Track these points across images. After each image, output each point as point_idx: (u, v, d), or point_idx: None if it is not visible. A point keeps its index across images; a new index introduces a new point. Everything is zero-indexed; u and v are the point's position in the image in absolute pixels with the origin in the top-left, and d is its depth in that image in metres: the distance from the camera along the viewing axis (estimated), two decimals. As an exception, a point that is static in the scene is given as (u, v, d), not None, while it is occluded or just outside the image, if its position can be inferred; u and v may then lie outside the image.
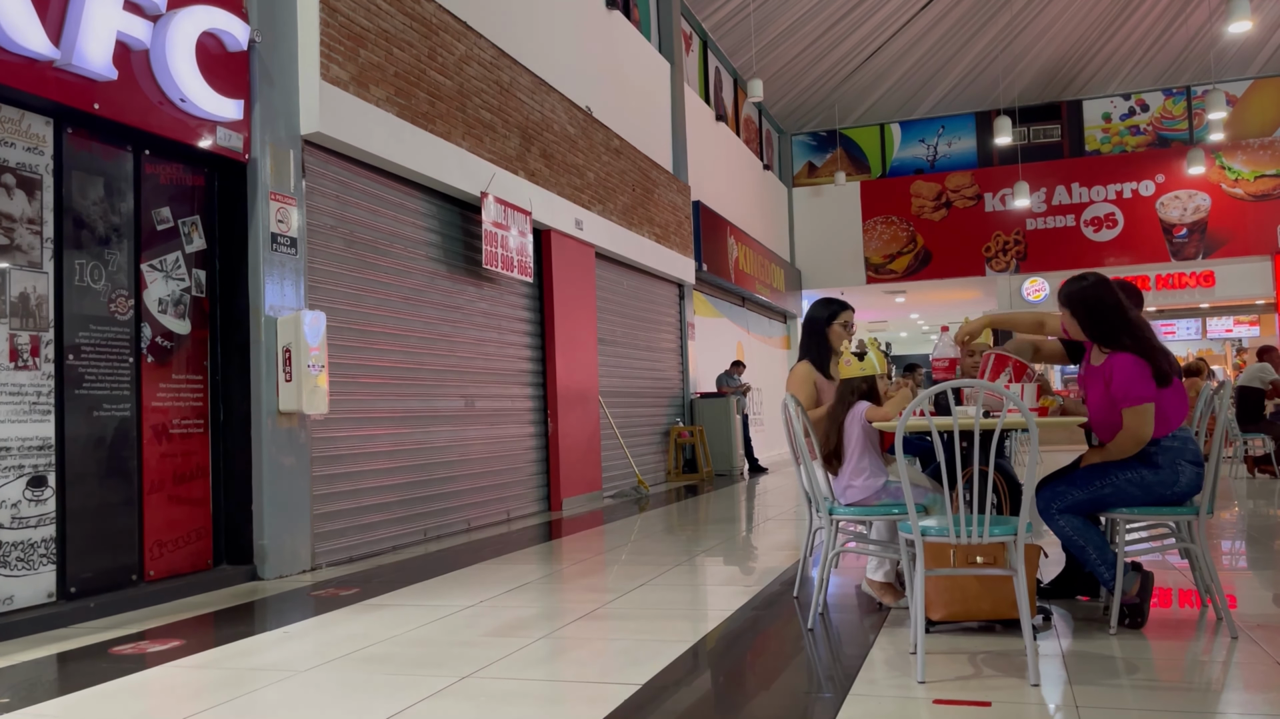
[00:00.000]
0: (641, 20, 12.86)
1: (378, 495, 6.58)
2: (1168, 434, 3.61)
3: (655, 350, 12.04)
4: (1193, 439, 3.64)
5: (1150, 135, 19.22)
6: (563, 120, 9.37)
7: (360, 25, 6.37)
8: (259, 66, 5.61)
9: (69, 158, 4.72)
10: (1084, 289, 3.72)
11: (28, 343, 4.46)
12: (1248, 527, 6.46)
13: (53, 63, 4.44)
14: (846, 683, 3.08)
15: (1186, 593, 4.32)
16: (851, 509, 3.94)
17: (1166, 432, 3.61)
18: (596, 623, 4.10)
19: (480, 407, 7.94)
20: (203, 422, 5.45)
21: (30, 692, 3.29)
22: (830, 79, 18.58)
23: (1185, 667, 3.17)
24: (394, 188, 7.01)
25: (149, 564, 5.03)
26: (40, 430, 4.50)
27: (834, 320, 4.43)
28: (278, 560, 5.50)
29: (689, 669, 3.34)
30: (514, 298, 8.65)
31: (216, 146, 5.35)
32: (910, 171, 20.30)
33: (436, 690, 3.14)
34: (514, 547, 6.59)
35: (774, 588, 4.74)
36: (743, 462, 13.05)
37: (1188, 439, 3.62)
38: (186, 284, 5.40)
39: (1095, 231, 18.89)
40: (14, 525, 4.35)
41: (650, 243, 11.48)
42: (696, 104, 14.82)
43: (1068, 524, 3.67)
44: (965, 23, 16.76)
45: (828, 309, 4.46)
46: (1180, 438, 3.61)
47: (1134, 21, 16.86)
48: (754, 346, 17.05)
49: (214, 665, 3.58)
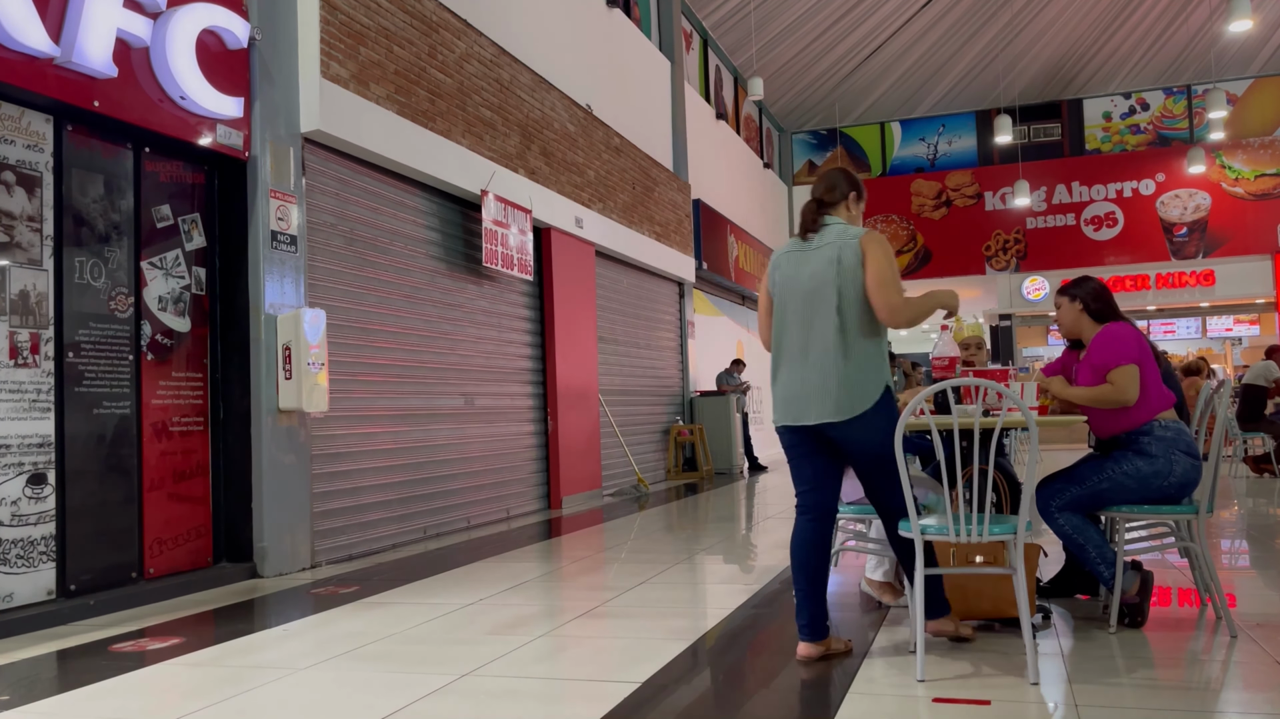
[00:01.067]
0: (642, 18, 12.85)
1: (377, 493, 6.58)
2: (1152, 418, 3.65)
3: (655, 349, 12.04)
4: (1187, 430, 3.67)
5: (1151, 134, 19.21)
6: (563, 118, 9.37)
7: (360, 23, 6.37)
8: (259, 64, 5.61)
9: (69, 155, 4.72)
10: (1089, 280, 3.96)
11: (27, 340, 4.46)
12: (1247, 526, 6.46)
13: (53, 60, 4.44)
14: (846, 681, 3.08)
15: (1186, 592, 4.32)
16: (852, 508, 3.94)
17: (1147, 415, 3.66)
18: (596, 621, 4.10)
19: (480, 405, 7.95)
20: (202, 419, 5.45)
21: (30, 689, 3.29)
22: (830, 77, 18.57)
23: (1185, 666, 3.17)
24: (394, 186, 7.01)
25: (149, 562, 5.03)
26: (40, 428, 4.50)
27: None
28: (277, 558, 5.50)
29: (688, 667, 3.34)
30: (514, 296, 8.65)
31: (216, 144, 5.35)
32: (910, 170, 20.29)
33: (435, 688, 3.14)
34: (513, 545, 6.59)
35: (774, 586, 4.75)
36: (743, 460, 13.05)
37: (1181, 430, 3.65)
38: (186, 282, 5.40)
39: (1095, 230, 18.88)
40: (14, 523, 4.35)
41: (650, 241, 11.48)
42: (697, 102, 14.82)
43: (1067, 522, 3.68)
44: (966, 21, 16.75)
45: None
46: (1173, 428, 3.63)
47: (1134, 20, 16.85)
48: (754, 345, 17.05)
49: (213, 663, 3.58)
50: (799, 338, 3.29)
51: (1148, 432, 3.64)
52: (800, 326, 3.29)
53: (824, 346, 3.22)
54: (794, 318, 3.31)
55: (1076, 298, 3.91)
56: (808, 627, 3.29)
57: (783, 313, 3.34)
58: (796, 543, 3.32)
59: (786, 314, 3.33)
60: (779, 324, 3.35)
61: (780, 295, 3.36)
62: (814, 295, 3.26)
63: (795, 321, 3.30)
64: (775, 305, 3.39)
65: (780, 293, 3.36)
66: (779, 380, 3.34)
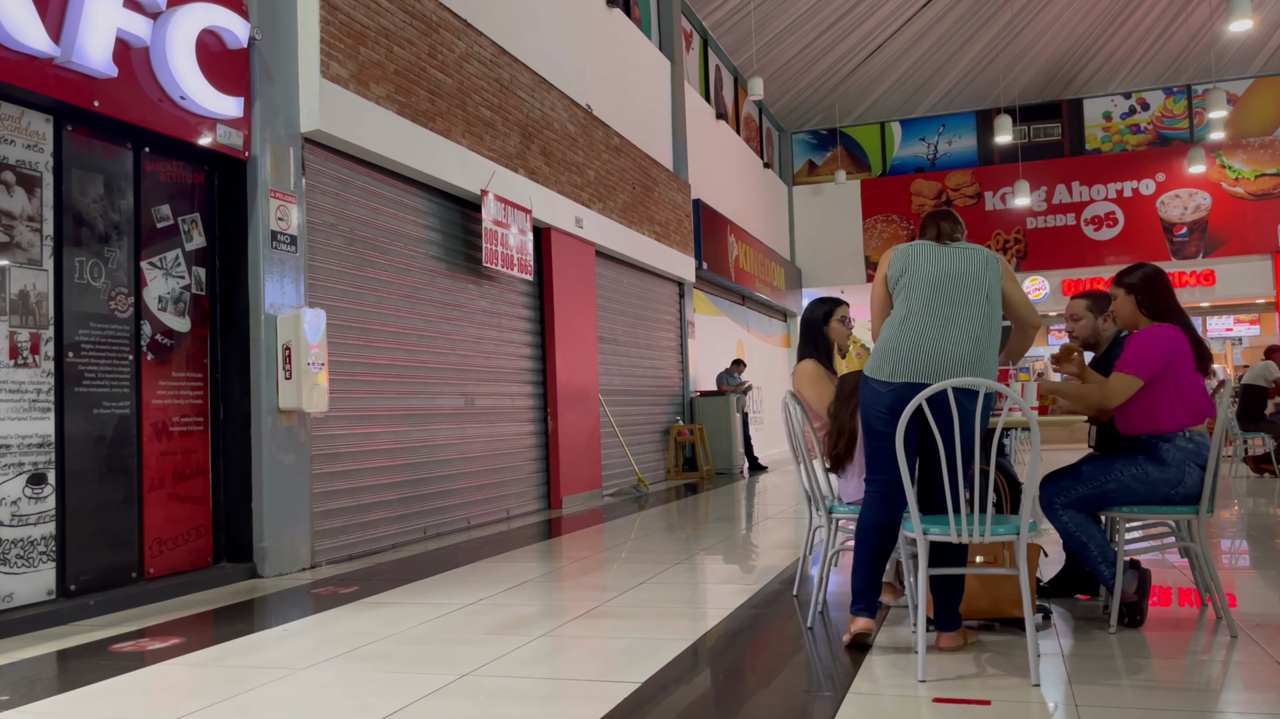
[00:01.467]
0: (642, 18, 12.85)
1: (377, 493, 6.58)
2: (1178, 431, 3.58)
3: (655, 349, 12.04)
4: (1208, 445, 3.59)
5: (1151, 134, 19.21)
6: (563, 118, 9.37)
7: (360, 23, 6.36)
8: (259, 64, 5.61)
9: (69, 155, 4.72)
10: (1146, 270, 3.79)
11: (27, 340, 4.46)
12: (1247, 526, 6.46)
13: (53, 60, 4.44)
14: (846, 682, 3.08)
15: (1186, 592, 4.32)
16: (852, 508, 3.93)
17: (1174, 425, 3.59)
18: (596, 621, 4.10)
19: (480, 405, 7.94)
20: (202, 419, 5.45)
21: (30, 689, 3.29)
22: (831, 77, 18.57)
23: (1185, 666, 3.17)
24: (394, 185, 7.01)
25: (149, 562, 5.03)
26: (40, 428, 4.50)
27: (831, 318, 4.43)
28: (277, 558, 5.50)
29: (688, 668, 3.34)
30: (514, 296, 8.64)
31: (216, 144, 5.35)
32: (910, 170, 20.29)
33: (436, 688, 3.14)
34: (513, 545, 6.59)
35: (774, 586, 4.74)
36: (743, 460, 13.05)
37: (1203, 444, 3.59)
38: (186, 282, 5.40)
39: (1095, 230, 18.88)
40: (14, 523, 4.35)
41: (650, 241, 11.48)
42: (697, 102, 14.82)
43: (1070, 520, 3.67)
44: (966, 21, 16.75)
45: (823, 307, 4.47)
46: (1197, 441, 3.59)
47: (1134, 20, 16.85)
48: (754, 345, 17.05)
49: (213, 663, 3.58)
50: (942, 313, 3.37)
51: (1170, 439, 3.58)
52: (947, 304, 3.38)
53: (968, 330, 3.35)
54: (941, 298, 3.39)
55: (1132, 289, 3.74)
56: (873, 605, 3.45)
57: (925, 294, 3.40)
58: (872, 523, 3.45)
59: (929, 296, 3.40)
60: (916, 303, 3.41)
61: (921, 279, 3.43)
62: (962, 284, 3.39)
63: (942, 301, 3.39)
64: (907, 287, 3.45)
65: (920, 278, 3.43)
66: (904, 345, 3.37)
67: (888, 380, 3.38)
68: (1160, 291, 3.72)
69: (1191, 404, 3.60)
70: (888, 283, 3.53)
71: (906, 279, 3.47)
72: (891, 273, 3.51)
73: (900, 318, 3.44)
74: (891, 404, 3.36)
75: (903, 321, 3.43)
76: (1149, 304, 3.71)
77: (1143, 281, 3.73)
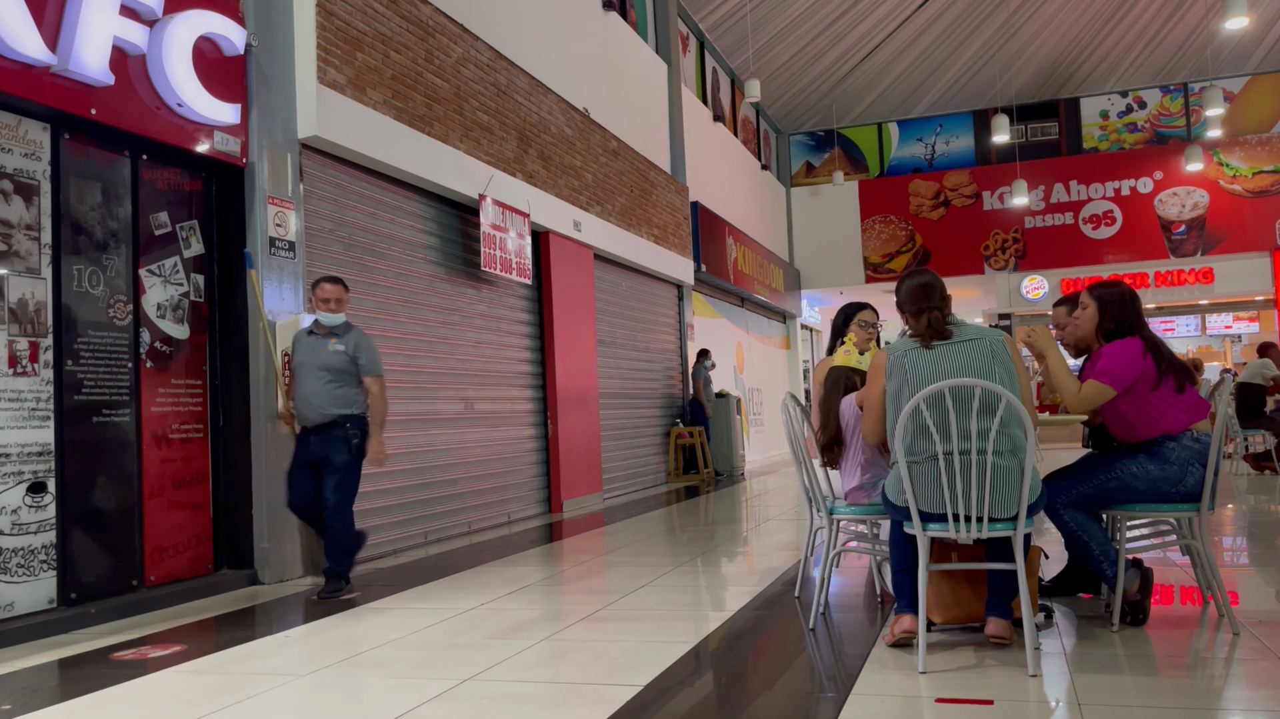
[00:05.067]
0: (638, 21, 12.86)
1: (377, 499, 6.58)
2: (1185, 430, 3.59)
3: (655, 351, 12.04)
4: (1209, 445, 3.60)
5: (1148, 132, 19.22)
6: (560, 122, 9.37)
7: (357, 28, 6.37)
8: (256, 70, 5.61)
9: (66, 163, 4.72)
10: (1118, 287, 3.79)
11: (26, 349, 4.46)
12: (1249, 523, 6.46)
13: (49, 68, 4.44)
14: (849, 683, 3.08)
15: (1188, 589, 4.32)
16: (852, 508, 3.94)
17: (1179, 425, 3.59)
18: (598, 624, 4.10)
19: (480, 409, 7.94)
20: (202, 426, 5.45)
21: (32, 698, 3.29)
22: (827, 79, 18.58)
23: (1187, 663, 3.16)
24: (392, 191, 7.01)
25: (149, 569, 5.02)
26: (40, 436, 4.50)
27: (851, 319, 4.71)
28: (278, 565, 5.49)
29: (691, 670, 3.34)
30: (513, 300, 8.64)
31: (214, 151, 5.35)
32: (908, 170, 20.30)
33: (437, 694, 3.14)
34: (515, 549, 6.58)
35: (775, 588, 4.74)
36: (743, 462, 13.04)
37: (1209, 444, 3.59)
38: (185, 289, 5.40)
39: (1094, 229, 18.89)
40: (14, 532, 4.35)
41: (649, 244, 11.48)
42: (694, 104, 14.83)
43: (1072, 518, 3.67)
44: (962, 21, 16.77)
45: (851, 309, 4.77)
46: (1202, 441, 3.59)
47: (1131, 18, 16.86)
48: (753, 347, 17.05)
49: (215, 670, 3.57)
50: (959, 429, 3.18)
51: (1176, 438, 3.59)
52: (961, 416, 3.17)
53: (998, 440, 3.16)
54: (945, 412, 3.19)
55: (1104, 305, 3.75)
56: (914, 602, 3.38)
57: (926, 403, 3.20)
58: (902, 533, 3.43)
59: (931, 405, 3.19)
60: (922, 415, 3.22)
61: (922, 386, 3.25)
62: (969, 391, 3.16)
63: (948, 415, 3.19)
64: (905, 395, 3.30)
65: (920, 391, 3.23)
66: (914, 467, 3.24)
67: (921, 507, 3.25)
68: (1125, 313, 3.72)
69: (1192, 403, 3.61)
70: (885, 397, 3.40)
71: (907, 394, 3.31)
72: (890, 388, 3.37)
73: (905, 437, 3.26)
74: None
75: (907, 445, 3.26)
76: (1111, 323, 3.72)
77: (1118, 300, 3.73)
